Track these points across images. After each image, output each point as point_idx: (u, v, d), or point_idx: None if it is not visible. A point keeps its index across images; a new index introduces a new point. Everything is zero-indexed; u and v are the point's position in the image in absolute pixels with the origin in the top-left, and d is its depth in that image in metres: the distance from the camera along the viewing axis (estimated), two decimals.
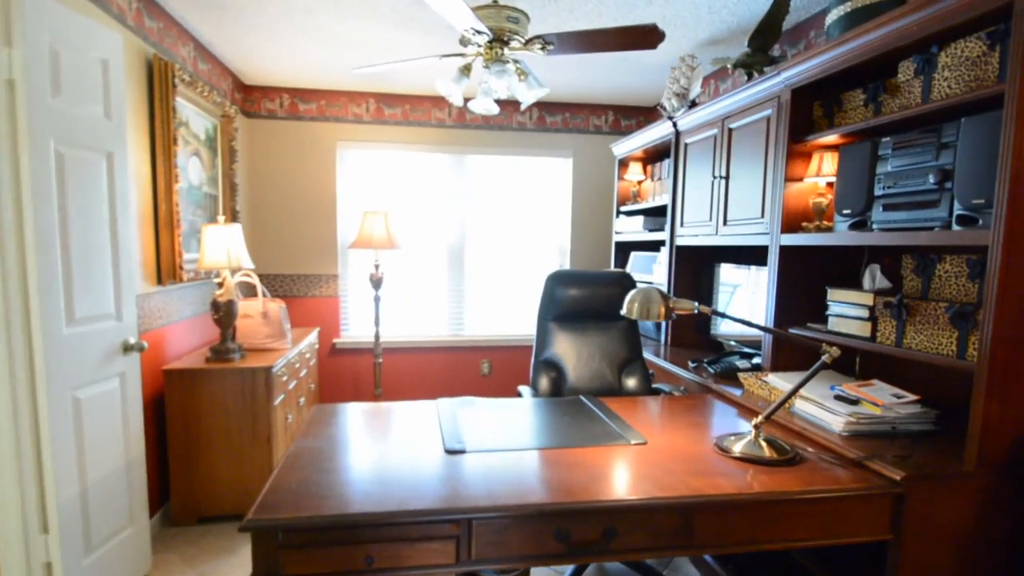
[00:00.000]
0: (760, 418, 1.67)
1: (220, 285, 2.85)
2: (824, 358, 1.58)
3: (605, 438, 1.74)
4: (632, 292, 1.74)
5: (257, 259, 4.27)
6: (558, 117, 4.53)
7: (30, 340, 1.80)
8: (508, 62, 2.40)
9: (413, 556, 1.33)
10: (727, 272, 2.92)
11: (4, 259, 1.75)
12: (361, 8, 2.72)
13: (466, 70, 2.44)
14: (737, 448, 1.64)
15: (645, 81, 3.86)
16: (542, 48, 2.39)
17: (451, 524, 1.32)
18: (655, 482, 1.44)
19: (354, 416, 1.98)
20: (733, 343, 2.83)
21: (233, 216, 3.71)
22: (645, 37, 2.20)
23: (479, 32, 2.24)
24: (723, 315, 1.69)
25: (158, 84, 2.72)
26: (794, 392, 1.66)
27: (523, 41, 2.39)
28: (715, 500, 1.38)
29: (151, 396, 2.72)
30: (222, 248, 2.80)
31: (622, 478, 1.47)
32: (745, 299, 2.74)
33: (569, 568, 2.33)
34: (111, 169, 2.16)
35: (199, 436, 2.78)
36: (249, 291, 3.83)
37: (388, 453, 1.63)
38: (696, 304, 1.65)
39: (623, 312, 1.75)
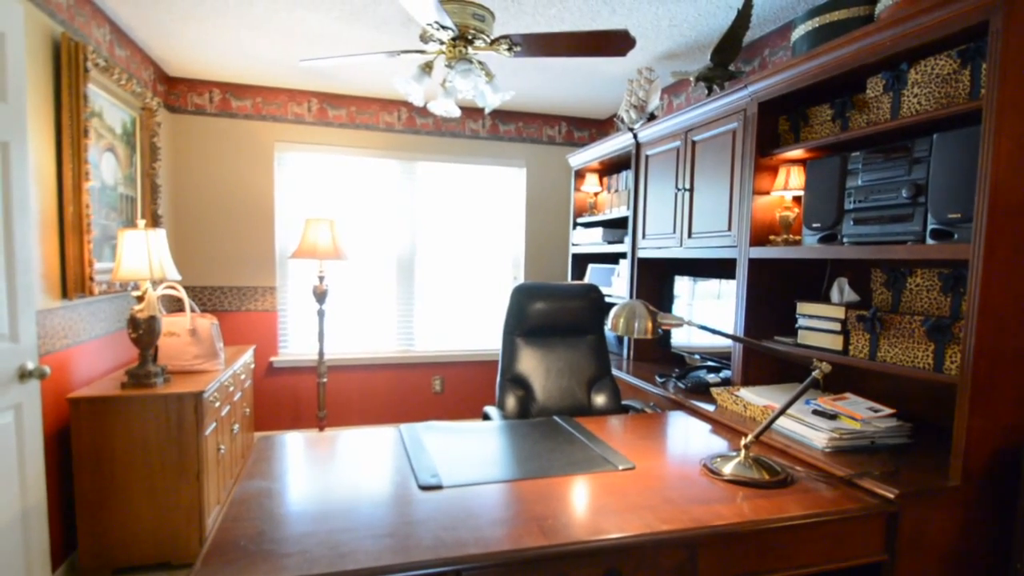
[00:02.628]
0: (750, 438, 1.60)
1: (140, 299, 2.52)
2: (815, 374, 1.54)
3: (590, 464, 1.61)
4: (616, 307, 1.64)
5: (184, 270, 3.88)
6: (511, 126, 4.43)
7: None
8: (473, 62, 2.27)
9: None
10: (689, 285, 2.90)
11: None
12: None
13: (427, 68, 2.29)
14: (727, 470, 1.56)
15: (599, 93, 3.84)
16: (508, 49, 2.28)
17: None
18: (655, 513, 1.33)
19: (305, 448, 1.76)
20: (696, 356, 2.80)
21: (155, 221, 3.34)
22: (616, 42, 2.13)
23: (443, 27, 2.10)
24: (712, 330, 1.62)
25: (67, 67, 2.38)
26: (783, 411, 1.60)
27: (489, 40, 2.26)
28: (721, 531, 1.28)
29: (53, 430, 2.34)
30: (142, 256, 2.48)
31: (619, 510, 1.34)
32: (709, 311, 2.71)
33: None
34: (6, 162, 1.84)
35: (113, 474, 2.42)
36: (174, 306, 3.47)
37: (352, 492, 1.43)
38: (684, 319, 1.57)
39: (607, 327, 1.64)
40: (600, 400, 2.42)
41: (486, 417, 2.30)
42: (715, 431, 2.00)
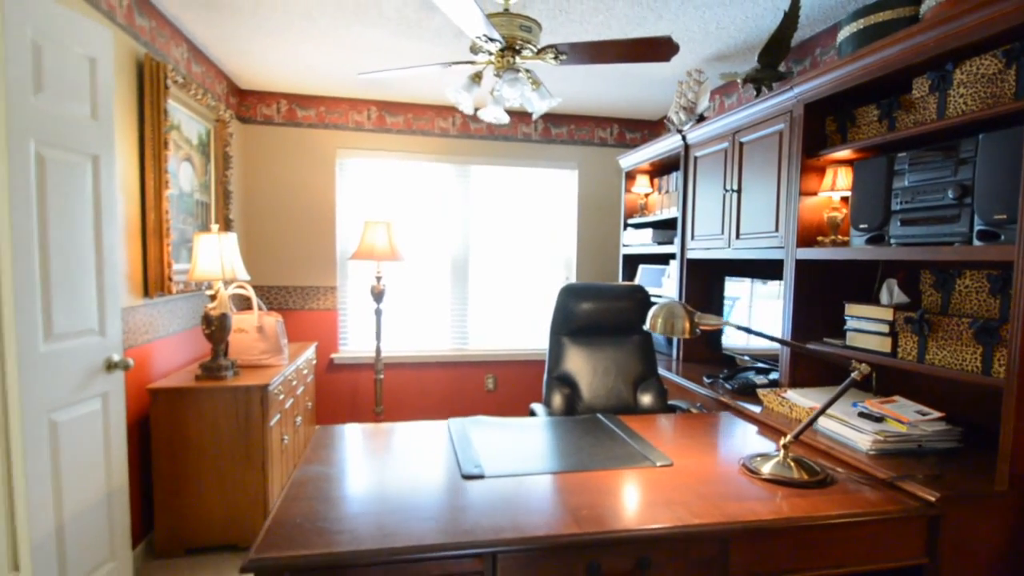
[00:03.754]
0: (788, 438, 1.61)
1: (212, 298, 2.74)
2: (853, 375, 1.53)
3: (629, 460, 1.66)
4: (655, 307, 1.68)
5: (252, 270, 4.14)
6: (563, 129, 4.50)
7: (3, 358, 1.65)
8: (520, 71, 2.36)
9: None
10: (738, 286, 2.88)
11: None
12: (365, 13, 2.66)
13: (477, 78, 2.39)
14: (766, 469, 1.58)
15: (650, 95, 3.85)
16: (555, 58, 2.35)
17: (474, 559, 1.23)
18: (688, 508, 1.37)
19: (361, 438, 1.89)
20: (746, 358, 2.78)
21: (227, 225, 3.60)
22: (659, 49, 2.17)
23: (491, 40, 2.19)
24: (752, 331, 1.63)
25: (149, 85, 2.62)
26: (823, 411, 1.60)
27: (535, 50, 2.34)
28: (752, 526, 1.31)
29: (135, 418, 2.58)
30: (215, 258, 2.70)
31: (653, 503, 1.39)
32: (759, 313, 2.69)
33: None
34: (97, 173, 2.05)
35: (187, 461, 2.64)
36: (243, 304, 3.71)
37: (401, 479, 1.54)
38: (723, 320, 1.59)
39: (646, 327, 1.68)
40: (646, 400, 2.45)
41: (532, 414, 2.38)
42: (760, 432, 2.00)
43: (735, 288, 2.80)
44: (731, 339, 2.94)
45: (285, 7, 2.62)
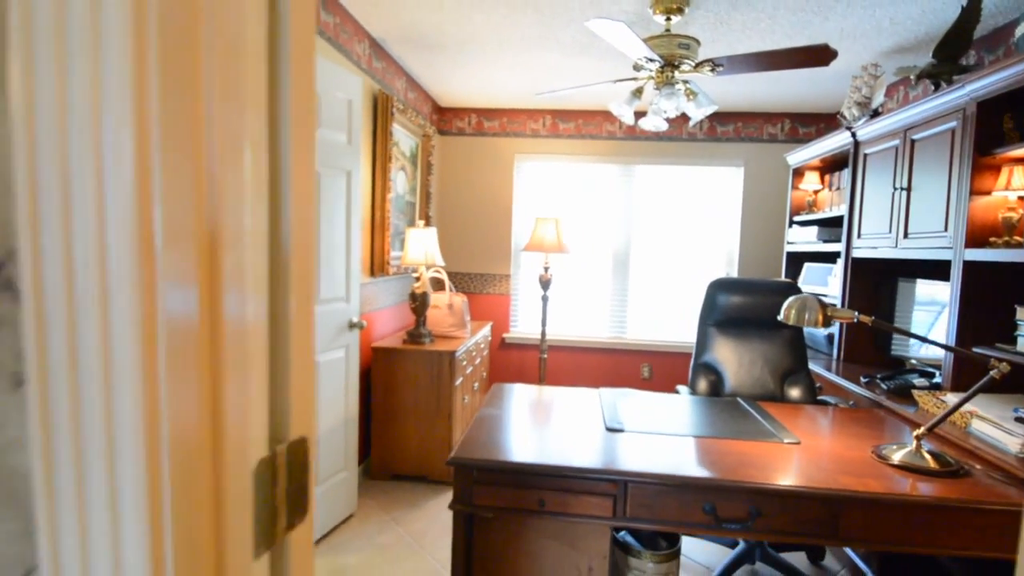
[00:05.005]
0: (922, 429, 1.69)
1: (417, 279, 3.41)
2: (992, 373, 1.57)
3: (758, 435, 1.88)
4: (790, 299, 1.86)
5: (444, 258, 4.90)
6: (729, 127, 4.55)
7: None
8: (678, 83, 2.60)
9: (576, 506, 1.61)
10: (915, 287, 2.80)
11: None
12: (545, 41, 3.10)
13: (638, 92, 2.69)
14: (897, 457, 1.68)
15: (824, 88, 3.77)
16: (712, 70, 2.56)
17: (609, 483, 1.59)
18: (804, 475, 1.57)
19: (527, 394, 2.33)
20: (914, 361, 2.72)
21: (428, 221, 4.34)
22: (816, 56, 2.27)
23: (651, 60, 2.48)
24: (891, 328, 1.74)
25: (380, 114, 3.35)
26: (959, 407, 1.65)
27: (693, 64, 2.57)
28: (863, 497, 1.47)
29: (362, 368, 3.35)
30: (421, 248, 3.36)
31: (770, 467, 1.61)
32: (933, 315, 2.62)
33: (719, 565, 2.45)
34: (348, 184, 2.77)
35: (395, 405, 3.35)
36: (437, 286, 4.42)
37: (556, 424, 1.94)
38: (856, 313, 1.72)
39: (780, 317, 1.87)
40: (794, 392, 2.56)
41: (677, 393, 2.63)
42: (911, 432, 2.04)
43: (923, 291, 2.72)
44: (901, 343, 2.86)
45: (481, 43, 3.17)
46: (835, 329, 3.20)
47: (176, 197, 0.42)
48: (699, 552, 2.66)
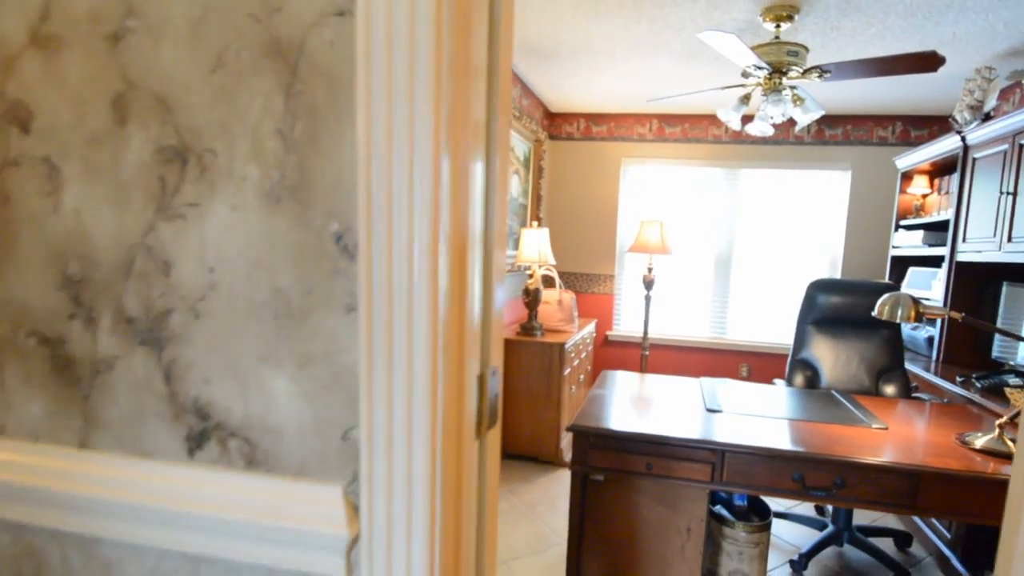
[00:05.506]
0: (1004, 418, 1.78)
1: (531, 276, 3.77)
2: None
3: (847, 420, 2.03)
4: (885, 295, 1.99)
5: (553, 258, 5.24)
6: (838, 130, 4.51)
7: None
8: (785, 89, 2.74)
9: (679, 470, 1.87)
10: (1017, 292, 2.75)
11: None
12: (656, 48, 3.31)
13: (745, 99, 2.86)
14: (979, 442, 1.78)
15: (938, 91, 3.68)
16: (819, 76, 2.68)
17: (708, 452, 1.83)
18: (887, 453, 1.73)
19: (632, 379, 2.61)
20: (1013, 363, 2.68)
21: (539, 222, 4.71)
22: (924, 63, 2.34)
23: (759, 67, 2.65)
24: (982, 325, 1.83)
25: None
26: None
27: (801, 71, 2.71)
28: (942, 472, 1.61)
29: None
30: (535, 247, 3.72)
31: (857, 446, 1.78)
32: None
33: (807, 544, 2.58)
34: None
35: (511, 390, 3.73)
36: (548, 283, 4.77)
37: (659, 404, 2.20)
38: (947, 309, 1.83)
39: (874, 312, 2.00)
40: (888, 389, 2.62)
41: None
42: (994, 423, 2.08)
43: None
44: (1010, 347, 2.81)
45: (594, 51, 3.45)
46: (935, 331, 3.18)
47: (452, 205, 0.77)
48: (789, 532, 2.79)
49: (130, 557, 0.75)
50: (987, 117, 2.95)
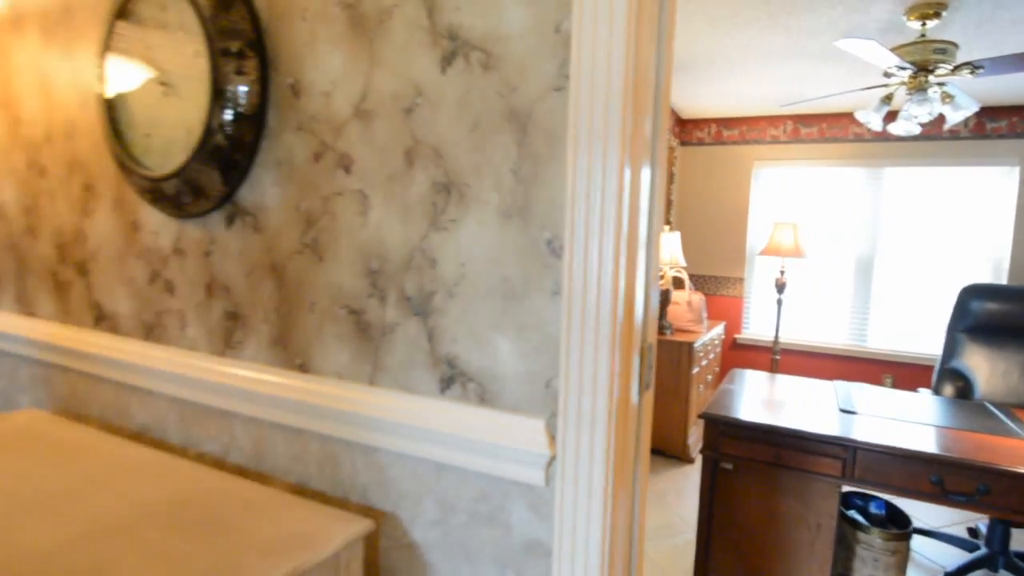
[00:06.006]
0: None
1: (662, 277, 3.92)
2: None
3: (999, 431, 1.98)
4: None
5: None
6: (1002, 122, 4.14)
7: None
8: (931, 87, 2.66)
9: (808, 463, 1.96)
10: None
11: None
12: (789, 53, 3.31)
13: (887, 99, 2.81)
14: None
15: None
16: (971, 72, 2.58)
17: (840, 447, 1.90)
18: None
19: (761, 378, 2.69)
20: None
21: (669, 226, 4.82)
22: None
23: (902, 68, 2.61)
24: None
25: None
26: None
27: (950, 68, 2.62)
28: None
29: None
30: (668, 250, 3.86)
31: (1006, 455, 1.77)
32: None
33: (954, 564, 2.49)
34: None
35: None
36: (677, 284, 4.87)
37: (789, 401, 2.29)
38: None
39: None
40: None
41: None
42: None
43: None
44: None
45: (727, 60, 3.53)
46: None
47: (630, 220, 1.02)
48: (933, 550, 2.69)
49: (396, 462, 1.10)
50: None
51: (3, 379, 1.79)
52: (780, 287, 4.43)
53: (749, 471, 2.07)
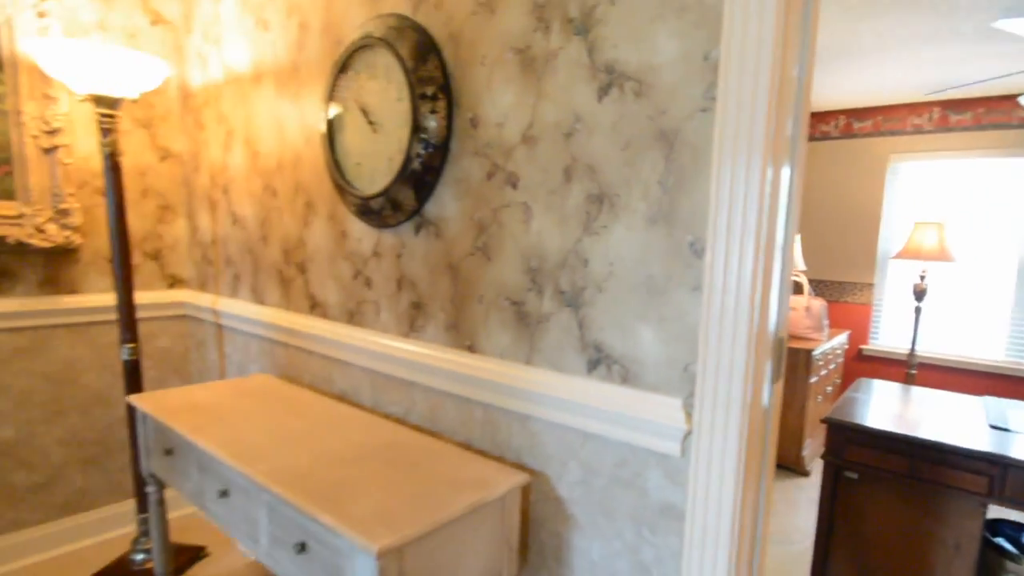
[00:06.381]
0: None
1: None
2: None
3: None
4: None
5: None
6: None
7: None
8: None
9: (948, 477, 1.87)
10: None
11: None
12: (937, 34, 3.06)
13: None
14: None
15: None
16: None
17: (989, 463, 1.80)
18: None
19: (892, 388, 2.60)
20: None
21: None
22: None
23: None
24: None
25: None
26: None
27: None
28: None
29: None
30: None
31: None
32: None
33: None
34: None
35: None
36: (796, 288, 4.71)
37: (926, 413, 2.20)
38: None
39: None
40: None
41: None
42: None
43: None
44: None
45: (860, 47, 3.31)
46: None
47: (768, 228, 1.13)
48: None
49: (547, 430, 1.29)
50: None
51: (240, 352, 2.29)
52: (919, 294, 4.14)
53: (876, 481, 2.02)
